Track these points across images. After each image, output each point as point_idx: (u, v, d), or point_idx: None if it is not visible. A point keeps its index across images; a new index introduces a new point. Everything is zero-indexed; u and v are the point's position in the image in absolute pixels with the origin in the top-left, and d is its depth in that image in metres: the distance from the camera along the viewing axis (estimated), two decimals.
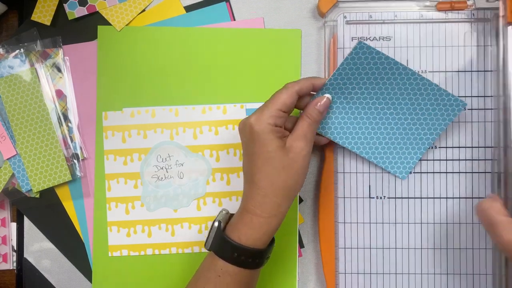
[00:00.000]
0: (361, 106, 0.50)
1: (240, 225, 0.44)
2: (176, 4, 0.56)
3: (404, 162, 0.53)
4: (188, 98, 0.55)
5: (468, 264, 0.53)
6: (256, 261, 0.45)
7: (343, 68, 0.48)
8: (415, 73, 0.48)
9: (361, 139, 0.52)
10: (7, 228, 0.57)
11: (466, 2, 0.53)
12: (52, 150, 0.54)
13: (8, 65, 0.55)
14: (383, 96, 0.50)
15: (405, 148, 0.52)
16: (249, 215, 0.44)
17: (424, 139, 0.52)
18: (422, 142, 0.52)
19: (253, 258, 0.44)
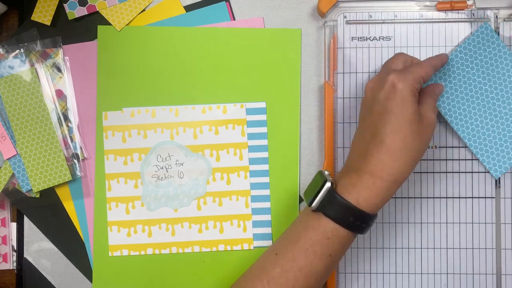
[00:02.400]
0: (475, 90, 0.51)
1: (360, 187, 0.42)
2: (176, 4, 0.56)
3: (501, 161, 0.52)
4: (188, 98, 0.55)
5: (468, 264, 0.53)
6: (367, 226, 0.43)
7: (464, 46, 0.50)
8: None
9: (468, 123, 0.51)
10: (7, 228, 0.57)
11: (466, 2, 0.53)
12: (52, 150, 0.54)
13: (8, 65, 0.55)
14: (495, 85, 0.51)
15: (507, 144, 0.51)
16: (372, 178, 0.42)
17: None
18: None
19: (366, 223, 0.43)
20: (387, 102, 0.43)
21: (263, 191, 0.55)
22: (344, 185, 0.43)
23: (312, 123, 0.55)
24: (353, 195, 0.42)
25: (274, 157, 0.55)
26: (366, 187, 0.42)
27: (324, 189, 0.43)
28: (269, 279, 0.43)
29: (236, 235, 0.55)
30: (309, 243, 0.43)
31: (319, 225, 0.43)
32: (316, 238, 0.43)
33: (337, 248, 0.43)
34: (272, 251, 0.45)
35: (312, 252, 0.43)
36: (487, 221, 0.53)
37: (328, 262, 0.44)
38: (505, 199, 0.53)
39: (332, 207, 0.43)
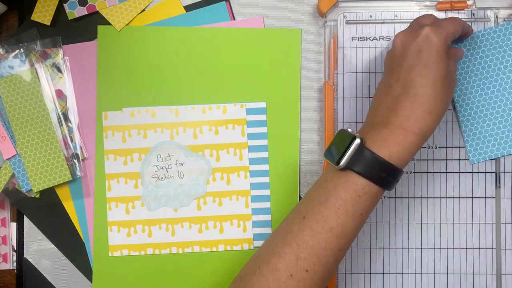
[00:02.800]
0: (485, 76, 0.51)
1: (392, 141, 0.41)
2: (176, 4, 0.56)
3: (484, 148, 0.52)
4: (188, 98, 0.55)
5: (468, 264, 0.53)
6: (395, 181, 0.42)
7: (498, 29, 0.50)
8: None
9: (468, 105, 0.51)
10: (7, 228, 0.57)
11: (466, 2, 0.53)
12: (52, 150, 0.54)
13: (8, 65, 0.55)
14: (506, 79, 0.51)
15: (497, 135, 0.51)
16: (404, 132, 0.41)
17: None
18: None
19: (396, 178, 0.42)
20: (421, 54, 0.42)
21: (263, 191, 0.55)
22: (374, 140, 0.41)
23: (312, 123, 0.55)
24: (385, 150, 0.41)
25: (274, 157, 0.55)
26: (398, 141, 0.41)
27: (354, 146, 0.41)
28: (299, 242, 0.41)
29: (236, 235, 0.55)
30: (339, 202, 0.41)
31: (350, 182, 0.41)
32: (347, 197, 0.41)
33: (369, 205, 0.42)
34: (298, 214, 0.43)
35: (344, 211, 0.41)
36: (487, 221, 0.53)
37: (359, 220, 0.42)
38: (505, 199, 0.53)
39: (363, 164, 0.41)
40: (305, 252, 0.41)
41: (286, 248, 0.42)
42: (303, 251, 0.41)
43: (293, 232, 0.42)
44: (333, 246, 0.41)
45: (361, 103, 0.53)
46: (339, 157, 0.42)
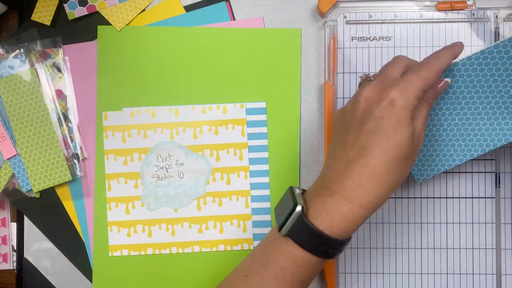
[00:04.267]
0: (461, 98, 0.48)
1: (335, 214, 0.38)
2: (176, 4, 0.56)
3: (431, 164, 0.50)
4: (188, 98, 0.55)
5: (468, 264, 0.53)
6: (338, 252, 0.40)
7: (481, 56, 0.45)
8: None
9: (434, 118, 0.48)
10: (7, 228, 0.57)
11: (466, 2, 0.53)
12: (52, 150, 0.54)
13: (8, 65, 0.55)
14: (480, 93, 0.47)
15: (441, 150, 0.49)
16: (350, 205, 0.38)
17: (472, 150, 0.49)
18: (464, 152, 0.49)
19: (339, 250, 0.40)
20: (382, 121, 0.38)
21: (263, 191, 0.55)
22: (317, 210, 0.39)
23: (312, 123, 0.55)
24: (327, 222, 0.38)
25: (274, 157, 0.55)
26: (342, 214, 0.38)
27: (294, 215, 0.39)
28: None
29: (236, 235, 0.55)
30: (278, 270, 0.40)
31: (289, 252, 0.40)
32: (286, 265, 0.40)
33: (308, 274, 0.41)
34: (242, 271, 0.43)
35: (282, 279, 0.40)
36: (487, 221, 0.53)
37: (300, 286, 0.41)
38: (505, 199, 0.53)
39: (303, 235, 0.39)
40: None
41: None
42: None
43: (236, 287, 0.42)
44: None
45: None
46: (282, 223, 0.40)
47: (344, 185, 0.38)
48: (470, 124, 0.49)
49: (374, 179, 0.38)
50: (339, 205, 0.38)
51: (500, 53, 0.46)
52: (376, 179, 0.38)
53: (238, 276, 0.42)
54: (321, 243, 0.39)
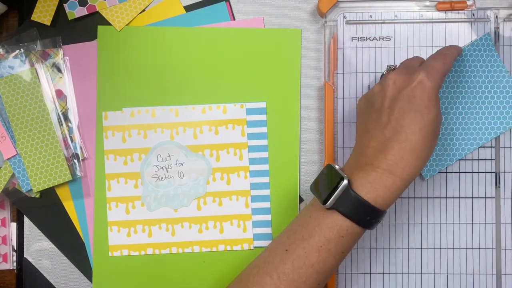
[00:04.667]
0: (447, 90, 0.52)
1: (379, 186, 0.41)
2: (176, 4, 0.56)
3: (436, 160, 0.52)
4: (188, 98, 0.55)
5: (468, 264, 0.53)
6: (378, 223, 0.43)
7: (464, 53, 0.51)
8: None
9: None
10: (7, 228, 0.57)
11: (466, 2, 0.53)
12: (52, 150, 0.54)
13: (8, 65, 0.55)
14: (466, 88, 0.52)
15: (446, 145, 0.52)
16: (392, 177, 0.41)
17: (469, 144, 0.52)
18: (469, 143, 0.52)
19: (379, 220, 0.42)
20: (414, 100, 0.42)
21: (263, 191, 0.55)
22: (361, 182, 0.42)
23: (312, 123, 0.55)
24: (372, 193, 0.41)
25: (274, 157, 0.55)
26: (385, 186, 0.41)
27: (341, 187, 0.42)
28: (280, 274, 0.42)
29: (236, 235, 0.55)
30: (322, 241, 0.42)
31: (334, 223, 0.42)
32: (330, 236, 0.42)
33: (351, 245, 0.43)
34: (281, 246, 0.44)
35: (326, 250, 0.42)
36: (487, 221, 0.53)
37: (340, 258, 0.43)
38: (505, 199, 0.53)
39: (349, 206, 0.41)
40: (285, 284, 0.42)
41: (267, 278, 0.43)
42: (284, 283, 0.42)
43: (274, 263, 0.43)
44: (312, 281, 0.42)
45: None
46: (326, 196, 0.42)
47: (387, 160, 0.41)
48: (469, 117, 0.52)
49: (413, 153, 0.41)
50: (383, 177, 0.41)
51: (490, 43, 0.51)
52: (415, 153, 0.41)
53: (277, 251, 0.44)
54: (367, 213, 0.41)
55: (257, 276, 0.43)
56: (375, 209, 0.41)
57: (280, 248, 0.44)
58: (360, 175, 0.42)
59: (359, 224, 0.42)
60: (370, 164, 0.42)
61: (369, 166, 0.42)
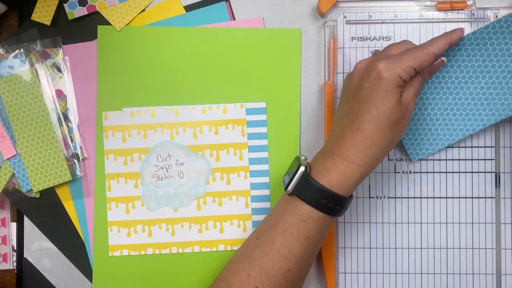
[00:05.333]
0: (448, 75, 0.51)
1: (333, 171, 0.43)
2: (176, 4, 0.56)
3: (426, 144, 0.52)
4: (188, 98, 0.55)
5: (468, 264, 0.53)
6: (340, 209, 0.44)
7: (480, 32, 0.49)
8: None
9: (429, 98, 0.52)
10: (7, 228, 0.57)
11: (466, 2, 0.53)
12: (52, 150, 0.54)
13: (8, 65, 0.55)
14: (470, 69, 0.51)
15: (435, 130, 0.52)
16: (345, 163, 0.43)
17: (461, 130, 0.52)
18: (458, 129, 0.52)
19: (339, 205, 0.44)
20: (370, 91, 0.43)
21: (263, 191, 0.55)
22: (318, 170, 0.44)
23: (312, 123, 0.55)
24: (326, 178, 0.43)
25: (274, 157, 0.55)
26: (339, 171, 0.43)
27: (299, 173, 0.44)
28: (251, 261, 0.44)
29: (236, 235, 0.55)
30: (285, 226, 0.44)
31: (295, 207, 0.44)
32: (292, 221, 0.44)
33: (314, 230, 0.44)
34: (254, 235, 0.47)
35: (289, 234, 0.44)
36: (487, 221, 0.53)
37: (306, 244, 0.44)
38: (505, 199, 0.53)
39: (306, 191, 0.44)
40: (255, 270, 0.44)
41: (240, 266, 0.45)
42: (254, 269, 0.44)
43: (247, 251, 0.46)
44: (280, 267, 0.44)
45: None
46: (288, 183, 0.45)
47: (340, 147, 0.44)
48: (463, 103, 0.51)
49: (366, 141, 0.43)
50: (337, 163, 0.43)
51: (496, 32, 0.49)
52: (368, 141, 0.43)
53: (250, 240, 0.47)
54: (322, 197, 0.43)
55: (233, 265, 0.46)
56: (330, 192, 0.43)
57: (253, 237, 0.46)
58: (319, 163, 0.45)
59: (317, 208, 0.44)
60: (328, 152, 0.44)
61: (327, 154, 0.44)
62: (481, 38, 0.49)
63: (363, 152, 0.43)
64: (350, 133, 0.44)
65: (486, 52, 0.50)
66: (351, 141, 0.43)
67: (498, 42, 0.49)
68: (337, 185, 0.43)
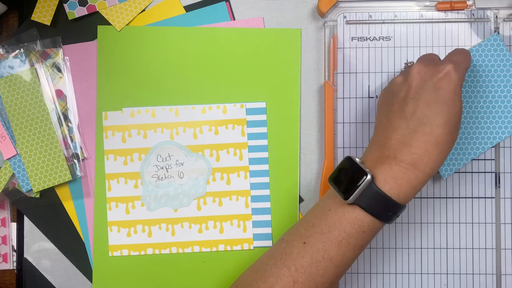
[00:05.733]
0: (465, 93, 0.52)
1: (403, 181, 0.40)
2: (176, 4, 0.56)
3: (453, 159, 0.52)
4: (188, 98, 0.55)
5: (468, 264, 0.53)
6: (397, 217, 0.42)
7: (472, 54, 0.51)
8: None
9: None
10: (7, 228, 0.57)
11: (466, 2, 0.53)
12: (52, 150, 0.54)
13: (8, 65, 0.55)
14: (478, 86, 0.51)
15: (462, 144, 0.52)
16: (416, 171, 0.40)
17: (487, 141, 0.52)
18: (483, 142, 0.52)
19: (399, 214, 0.42)
20: (440, 92, 0.41)
21: (263, 191, 0.55)
22: (384, 178, 0.41)
23: (312, 123, 0.55)
24: (395, 189, 0.40)
25: (274, 157, 0.55)
26: (409, 181, 0.40)
27: (365, 183, 0.40)
28: (298, 267, 0.42)
29: (236, 235, 0.55)
30: (343, 236, 0.41)
31: (356, 218, 0.41)
32: (351, 231, 0.41)
33: (370, 238, 0.43)
34: (298, 238, 0.43)
35: (346, 244, 0.42)
36: (487, 221, 0.53)
37: (359, 251, 0.43)
38: (505, 199, 0.53)
39: (372, 201, 0.41)
40: (303, 277, 0.42)
41: (284, 270, 0.42)
42: (301, 275, 0.42)
43: (292, 255, 0.43)
44: (330, 274, 0.42)
45: (361, 103, 0.53)
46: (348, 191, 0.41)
47: (411, 153, 0.40)
48: (483, 116, 0.52)
49: (438, 146, 0.40)
50: (407, 172, 0.40)
51: (480, 55, 0.51)
52: (440, 146, 0.40)
53: (295, 243, 0.43)
54: (389, 209, 0.41)
55: (274, 267, 0.43)
56: (397, 204, 0.41)
57: (298, 241, 0.43)
58: (382, 169, 0.41)
59: (381, 219, 0.41)
60: (393, 158, 0.41)
61: (392, 160, 0.41)
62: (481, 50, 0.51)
63: (434, 159, 0.40)
64: (422, 138, 0.40)
65: (472, 74, 0.51)
66: (424, 147, 0.40)
67: (484, 64, 0.51)
68: (405, 196, 0.41)
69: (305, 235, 0.43)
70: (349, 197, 0.41)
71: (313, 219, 0.43)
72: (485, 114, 0.51)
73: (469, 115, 0.51)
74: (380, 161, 0.42)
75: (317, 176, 0.55)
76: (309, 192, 0.55)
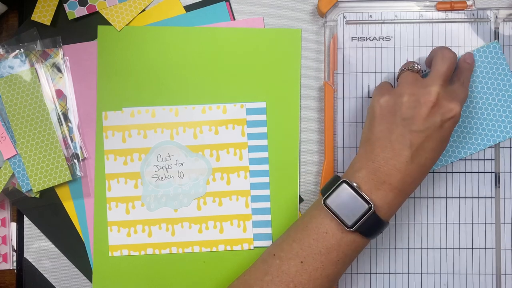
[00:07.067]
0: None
1: (395, 206, 0.44)
2: (176, 4, 0.56)
3: (446, 155, 0.52)
4: (188, 98, 0.55)
5: (468, 264, 0.53)
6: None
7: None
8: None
9: None
10: (7, 228, 0.57)
11: (466, 2, 0.53)
12: (52, 150, 0.54)
13: (8, 65, 0.55)
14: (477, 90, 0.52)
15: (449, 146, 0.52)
16: (404, 196, 0.45)
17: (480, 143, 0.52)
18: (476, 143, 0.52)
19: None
20: (443, 130, 0.44)
21: (263, 191, 0.55)
22: (381, 205, 0.44)
23: (312, 123, 0.55)
24: (389, 214, 0.44)
25: (274, 157, 0.55)
26: (398, 204, 0.45)
27: (368, 215, 0.43)
28: (296, 284, 0.44)
29: (236, 235, 0.55)
30: (340, 256, 0.44)
31: (354, 241, 0.44)
32: (348, 252, 0.44)
33: (359, 253, 0.46)
34: (295, 257, 0.45)
35: (342, 263, 0.45)
36: (487, 221, 0.53)
37: (350, 264, 0.46)
38: (505, 199, 0.53)
39: (370, 227, 0.44)
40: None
41: (282, 286, 0.44)
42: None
43: (290, 274, 0.44)
44: (325, 287, 0.45)
45: (360, 103, 0.53)
46: (352, 221, 0.43)
47: (404, 182, 0.44)
48: (470, 121, 0.52)
49: (424, 173, 0.45)
50: (397, 197, 0.44)
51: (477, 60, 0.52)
52: (424, 169, 0.44)
53: (292, 262, 0.45)
54: (381, 230, 0.45)
55: (271, 284, 0.44)
56: (387, 225, 0.45)
57: (295, 259, 0.45)
58: (379, 196, 0.44)
59: (372, 239, 0.45)
60: (388, 184, 0.43)
61: (387, 186, 0.43)
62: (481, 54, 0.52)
63: (419, 184, 0.45)
64: (416, 169, 0.44)
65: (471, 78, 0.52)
66: (414, 176, 0.44)
67: (480, 70, 0.52)
68: (391, 216, 0.45)
69: (301, 254, 0.44)
70: (352, 226, 0.43)
71: (309, 239, 0.45)
72: (478, 119, 0.52)
73: (462, 119, 0.52)
74: (376, 187, 0.44)
75: (317, 176, 0.55)
76: (309, 192, 0.55)
